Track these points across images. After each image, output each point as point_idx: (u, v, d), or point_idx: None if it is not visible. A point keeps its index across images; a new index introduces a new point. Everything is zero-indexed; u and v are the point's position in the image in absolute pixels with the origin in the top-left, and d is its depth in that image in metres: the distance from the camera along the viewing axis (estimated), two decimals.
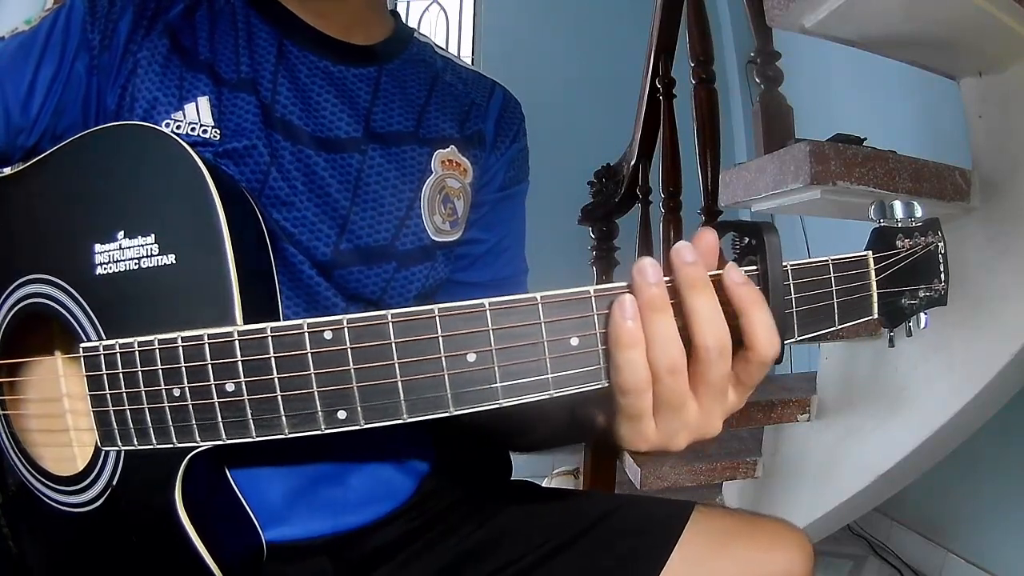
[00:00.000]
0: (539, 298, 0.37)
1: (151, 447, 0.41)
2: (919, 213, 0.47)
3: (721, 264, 0.39)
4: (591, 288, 0.38)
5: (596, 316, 0.38)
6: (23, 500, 0.50)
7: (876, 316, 0.46)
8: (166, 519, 0.42)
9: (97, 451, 0.45)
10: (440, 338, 0.37)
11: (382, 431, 0.39)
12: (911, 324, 0.48)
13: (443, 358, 0.37)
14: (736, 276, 0.38)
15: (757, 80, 1.32)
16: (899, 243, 0.46)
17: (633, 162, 1.81)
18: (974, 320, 1.05)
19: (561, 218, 1.88)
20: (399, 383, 0.38)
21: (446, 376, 0.37)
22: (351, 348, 0.37)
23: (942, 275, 0.48)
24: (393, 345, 0.37)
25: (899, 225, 0.47)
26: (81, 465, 0.46)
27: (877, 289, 0.45)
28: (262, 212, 0.51)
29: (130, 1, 0.54)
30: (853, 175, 0.98)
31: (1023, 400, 1.16)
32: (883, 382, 1.25)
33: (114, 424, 0.42)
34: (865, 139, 1.09)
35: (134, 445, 0.42)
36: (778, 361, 0.40)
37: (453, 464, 0.69)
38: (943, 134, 1.61)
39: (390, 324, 0.37)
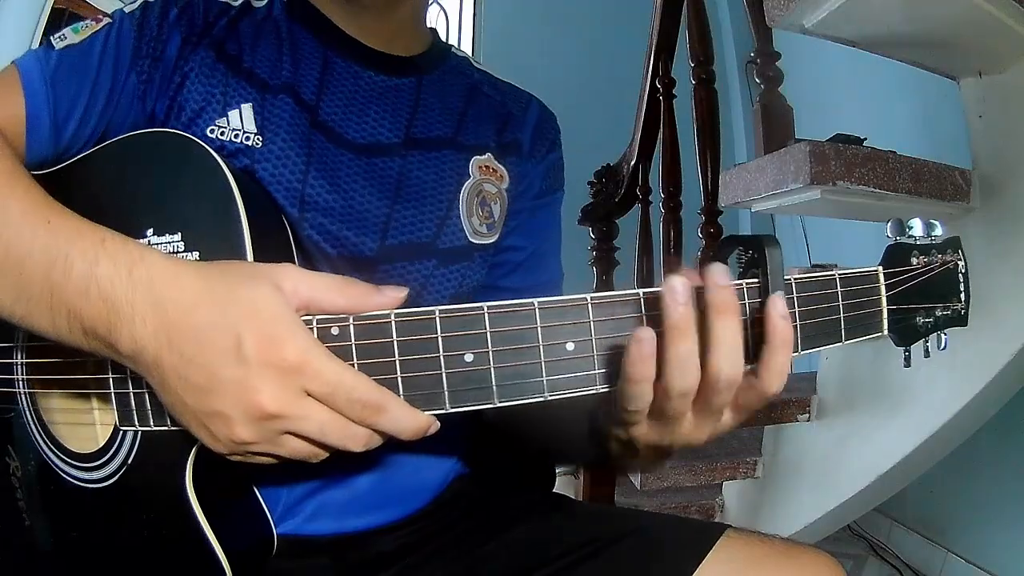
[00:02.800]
0: (536, 304, 0.39)
1: (166, 428, 0.43)
2: (939, 231, 0.46)
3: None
4: (588, 296, 0.39)
5: (592, 323, 0.39)
6: (41, 473, 0.52)
7: (886, 333, 0.45)
8: (175, 497, 0.44)
9: (116, 430, 0.47)
10: (440, 338, 0.39)
11: (396, 442, 0.39)
12: (928, 344, 0.47)
13: (441, 357, 0.39)
14: (782, 307, 0.38)
15: (757, 80, 1.32)
16: (914, 260, 0.45)
17: (633, 162, 1.81)
18: (974, 320, 1.05)
19: (561, 218, 1.88)
20: (399, 379, 0.39)
21: (443, 374, 0.39)
22: (355, 344, 0.39)
23: (962, 295, 0.46)
24: (395, 343, 0.39)
25: (916, 242, 0.46)
26: (101, 443, 0.48)
27: (888, 305, 0.44)
28: (293, 225, 0.54)
29: (176, 26, 0.56)
30: (853, 175, 0.98)
31: (1023, 400, 1.16)
32: (883, 382, 1.25)
33: (132, 405, 0.44)
34: (865, 139, 1.09)
35: (150, 426, 0.44)
36: None
37: (488, 474, 0.69)
38: (943, 134, 1.61)
39: (392, 323, 0.39)
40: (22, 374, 0.52)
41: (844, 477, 1.32)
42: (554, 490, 0.72)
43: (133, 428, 0.45)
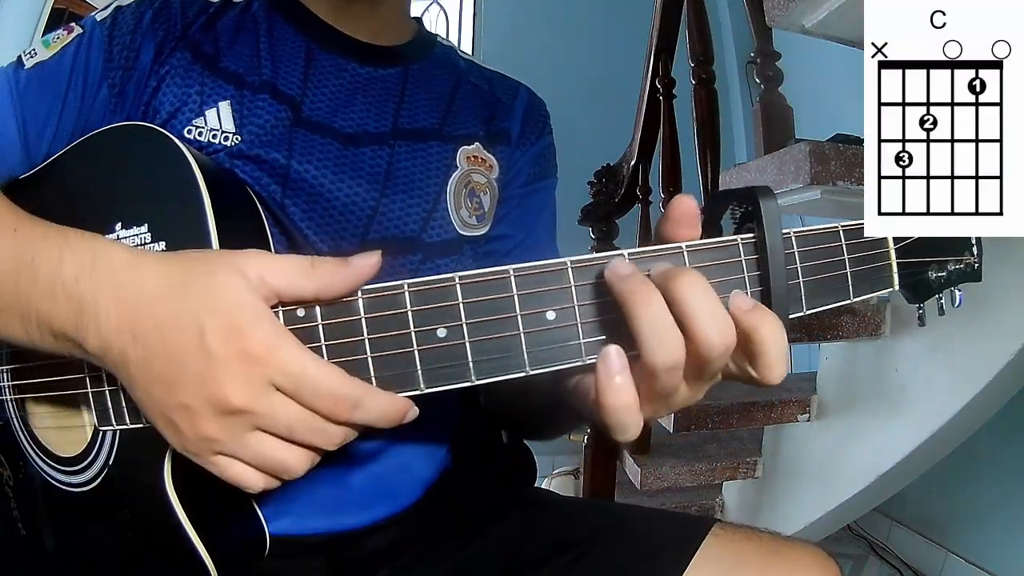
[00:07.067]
0: (511, 271, 0.36)
1: (141, 425, 0.42)
2: None
3: (709, 234, 0.38)
4: (567, 260, 0.37)
5: (574, 288, 0.37)
6: (32, 481, 0.51)
7: (897, 288, 0.43)
8: (156, 496, 0.43)
9: (96, 432, 0.47)
10: (409, 312, 0.36)
11: (387, 435, 0.38)
12: (942, 301, 0.45)
13: (412, 333, 0.36)
14: (742, 303, 0.35)
15: (757, 80, 1.33)
16: None
17: (633, 162, 1.81)
18: (974, 320, 1.05)
19: (561, 218, 1.87)
20: (369, 359, 0.37)
21: (416, 352, 0.37)
22: (322, 324, 0.37)
23: (974, 248, 0.44)
24: (363, 320, 0.37)
25: None
26: (83, 446, 0.48)
27: (897, 259, 0.42)
28: (278, 215, 0.54)
29: (150, 32, 0.55)
30: (853, 175, 0.98)
31: (1023, 400, 1.16)
32: (883, 382, 1.25)
33: (108, 404, 0.43)
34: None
35: (127, 424, 0.43)
36: None
37: (471, 469, 0.68)
38: None
39: (360, 300, 0.37)
40: (8, 381, 0.52)
41: (844, 477, 1.32)
42: (553, 489, 0.71)
43: (111, 428, 0.44)
